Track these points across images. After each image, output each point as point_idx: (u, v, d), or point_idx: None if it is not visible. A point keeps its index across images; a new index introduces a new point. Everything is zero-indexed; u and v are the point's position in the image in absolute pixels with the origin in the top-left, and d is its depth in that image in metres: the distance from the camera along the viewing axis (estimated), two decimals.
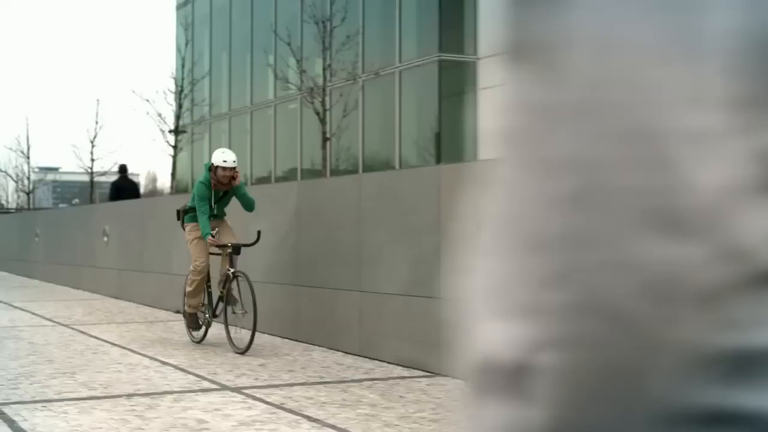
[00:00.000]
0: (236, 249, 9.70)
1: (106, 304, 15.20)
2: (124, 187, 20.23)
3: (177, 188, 39.10)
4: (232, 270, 9.69)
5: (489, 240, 0.78)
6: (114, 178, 22.11)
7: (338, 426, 6.14)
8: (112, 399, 7.01)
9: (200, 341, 10.21)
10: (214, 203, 9.99)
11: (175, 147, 34.85)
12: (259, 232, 9.75)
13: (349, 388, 7.55)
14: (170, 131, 35.04)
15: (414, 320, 8.48)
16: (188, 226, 10.25)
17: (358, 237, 9.38)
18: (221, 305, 9.95)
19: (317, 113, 24.94)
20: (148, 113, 38.91)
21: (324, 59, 25.62)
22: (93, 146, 46.42)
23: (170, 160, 34.93)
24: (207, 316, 10.19)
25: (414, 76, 25.22)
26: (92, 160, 46.21)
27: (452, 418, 6.41)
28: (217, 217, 10.10)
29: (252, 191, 10.54)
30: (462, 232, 0.90)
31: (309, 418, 6.37)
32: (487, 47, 23.49)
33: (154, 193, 78.11)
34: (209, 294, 10.29)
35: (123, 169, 21.47)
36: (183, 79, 36.48)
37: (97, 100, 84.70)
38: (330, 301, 9.84)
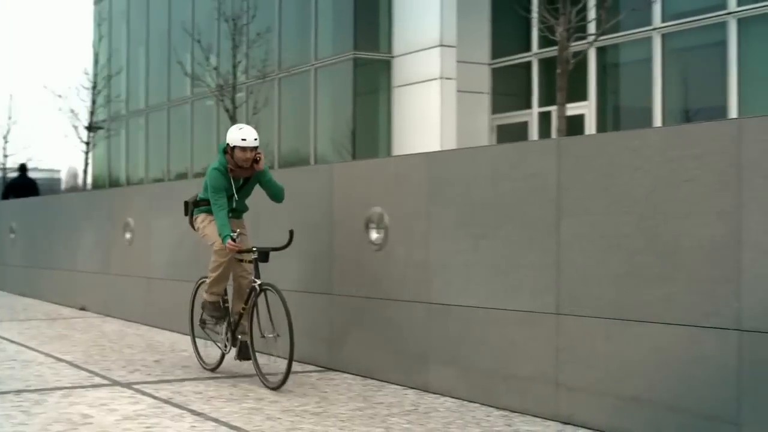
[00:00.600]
0: (264, 255, 7.60)
1: (10, 301, 15.08)
2: (20, 185, 20.30)
3: (95, 184, 38.78)
4: (258, 282, 7.58)
5: None
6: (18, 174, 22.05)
7: (220, 420, 6.25)
8: (1, 395, 7.03)
9: (215, 368, 8.19)
10: (235, 194, 7.93)
11: (87, 143, 34.72)
12: (291, 233, 7.62)
13: (239, 383, 7.65)
14: (85, 127, 34.86)
15: (307, 316, 8.60)
16: (199, 217, 8.14)
17: (256, 234, 9.46)
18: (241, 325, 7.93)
19: (227, 110, 25.03)
20: (60, 109, 38.59)
21: (234, 56, 25.71)
22: (6, 142, 46.34)
23: (86, 157, 34.88)
24: (226, 339, 8.07)
25: (329, 74, 25.34)
26: (5, 156, 46.08)
27: (334, 410, 6.56)
28: (236, 213, 8.05)
29: (153, 189, 10.56)
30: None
31: (193, 412, 6.47)
32: (402, 46, 23.68)
33: (75, 189, 77.31)
34: (226, 309, 8.15)
35: (22, 168, 21.58)
36: (96, 75, 36.27)
37: (10, 95, 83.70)
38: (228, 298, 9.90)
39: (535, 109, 22.48)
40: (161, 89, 34.52)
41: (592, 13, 18.28)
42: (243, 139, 7.66)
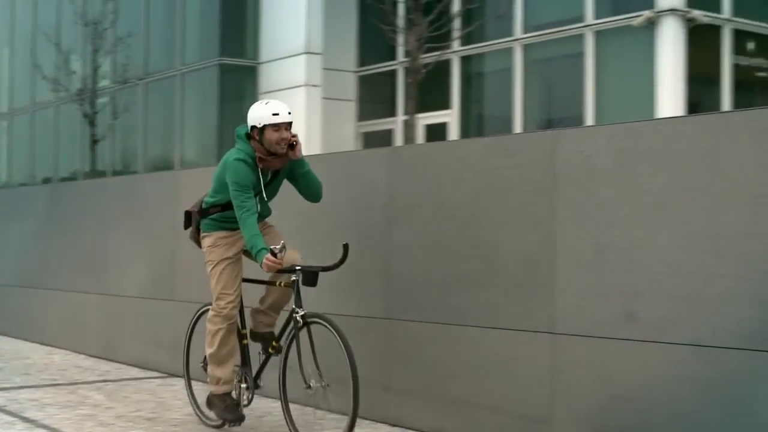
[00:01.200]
0: (310, 276, 5.74)
1: None
2: None
3: None
4: (301, 312, 5.71)
5: None
6: None
7: (52, 426, 6.23)
8: None
9: (222, 424, 6.23)
10: (264, 191, 5.84)
11: None
12: (346, 247, 5.72)
13: (78, 390, 7.63)
14: None
15: (150, 322, 8.61)
16: (209, 238, 6.05)
17: (103, 240, 9.43)
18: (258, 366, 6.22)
19: (86, 116, 24.80)
20: None
21: (94, 61, 25.47)
22: None
23: None
24: (244, 386, 6.17)
25: (196, 80, 25.20)
26: None
27: (168, 416, 6.60)
28: (261, 218, 5.97)
29: (3, 195, 10.41)
30: None
31: (25, 419, 6.44)
32: (268, 52, 23.69)
33: None
34: (244, 348, 6.16)
35: None
36: None
37: None
38: (75, 304, 9.85)
39: (400, 117, 22.71)
40: (25, 92, 33.83)
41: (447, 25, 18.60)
42: (275, 114, 5.64)
